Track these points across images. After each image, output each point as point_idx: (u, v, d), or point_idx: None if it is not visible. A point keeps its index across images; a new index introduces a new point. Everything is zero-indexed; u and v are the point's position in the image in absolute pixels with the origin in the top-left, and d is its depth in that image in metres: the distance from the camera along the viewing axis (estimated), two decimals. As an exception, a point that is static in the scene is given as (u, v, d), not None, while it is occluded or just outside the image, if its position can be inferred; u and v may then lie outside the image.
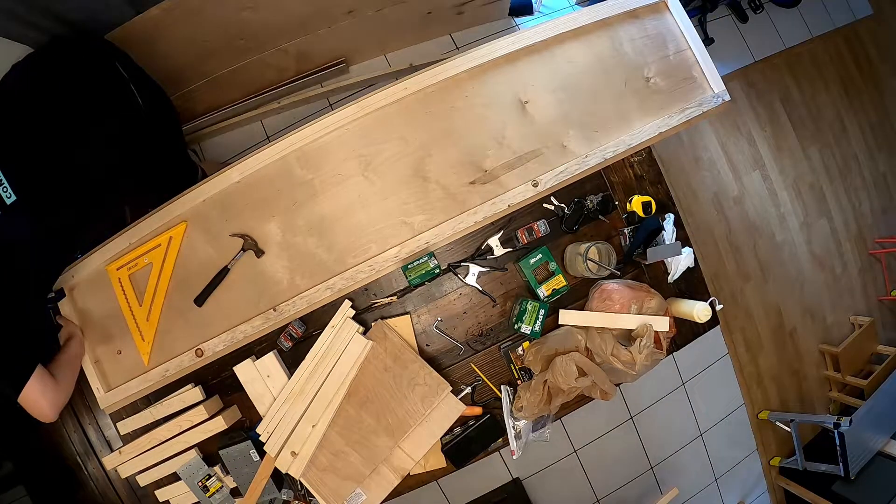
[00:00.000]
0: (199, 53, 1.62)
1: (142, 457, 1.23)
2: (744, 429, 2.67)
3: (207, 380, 1.26)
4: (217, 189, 1.15)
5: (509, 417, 1.26)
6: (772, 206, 2.77)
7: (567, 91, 1.20)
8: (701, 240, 2.63)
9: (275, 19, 1.64)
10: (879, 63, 3.00)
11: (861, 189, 2.92)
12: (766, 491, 2.70)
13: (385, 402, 1.17)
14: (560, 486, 2.42)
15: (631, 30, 1.25)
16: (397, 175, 1.15)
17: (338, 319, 1.19)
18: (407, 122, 1.15)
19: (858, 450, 2.23)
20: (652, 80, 1.23)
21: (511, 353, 1.27)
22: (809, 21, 2.89)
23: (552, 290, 1.24)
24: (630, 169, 1.36)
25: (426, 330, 1.28)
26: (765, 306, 2.71)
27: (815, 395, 2.78)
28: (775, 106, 2.81)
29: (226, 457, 1.20)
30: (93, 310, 1.20)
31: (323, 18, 1.78)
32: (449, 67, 1.15)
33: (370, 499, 1.17)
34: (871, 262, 2.91)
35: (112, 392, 1.17)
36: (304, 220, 1.14)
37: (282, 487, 1.23)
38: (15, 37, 1.19)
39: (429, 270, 1.22)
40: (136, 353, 1.17)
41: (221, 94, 1.99)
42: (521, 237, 1.25)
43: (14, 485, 1.93)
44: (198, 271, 1.15)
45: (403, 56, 2.28)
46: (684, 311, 1.26)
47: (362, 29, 1.94)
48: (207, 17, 1.47)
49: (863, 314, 2.83)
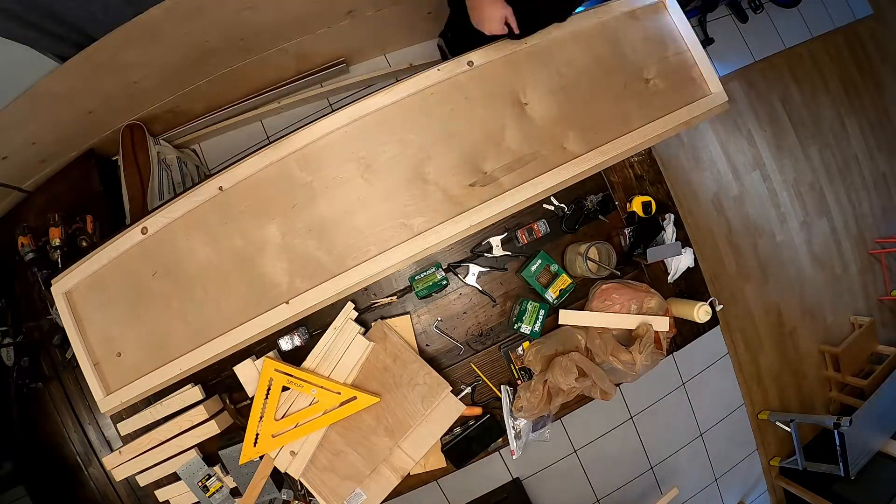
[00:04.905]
0: (199, 53, 1.62)
1: (142, 457, 1.23)
2: (744, 429, 2.67)
3: (207, 380, 1.26)
4: (215, 192, 1.14)
5: (509, 417, 1.26)
6: (772, 206, 2.77)
7: (566, 92, 1.20)
8: (701, 240, 2.63)
9: (275, 19, 1.64)
10: (879, 63, 3.00)
11: (861, 189, 2.92)
12: (766, 491, 2.70)
13: (385, 401, 1.17)
14: (560, 486, 2.42)
15: (630, 31, 1.24)
16: (397, 177, 1.15)
17: (340, 321, 1.19)
18: (406, 123, 1.15)
19: (858, 450, 2.23)
20: (651, 82, 1.23)
21: (511, 353, 1.28)
22: (809, 21, 2.89)
23: (559, 291, 1.24)
24: (630, 169, 1.36)
25: (426, 330, 1.28)
26: (765, 306, 2.71)
27: (815, 395, 2.78)
28: (775, 106, 2.81)
29: (226, 457, 1.20)
30: (94, 310, 1.20)
31: (323, 18, 1.78)
32: (448, 68, 1.15)
33: (370, 499, 1.17)
34: (871, 262, 2.91)
35: (112, 395, 1.17)
36: (303, 223, 1.14)
37: (282, 487, 1.23)
38: (15, 37, 1.19)
39: (436, 282, 1.22)
40: (137, 353, 1.17)
41: (221, 94, 1.99)
42: (521, 237, 1.26)
43: (14, 485, 1.93)
44: (196, 273, 1.15)
45: (403, 56, 2.28)
46: (684, 311, 1.26)
47: (362, 29, 1.94)
48: (207, 17, 1.47)
49: (863, 314, 2.83)
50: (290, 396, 1.15)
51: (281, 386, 1.13)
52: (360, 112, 1.14)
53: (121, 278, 1.19)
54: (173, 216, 1.15)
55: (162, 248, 1.17)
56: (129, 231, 1.17)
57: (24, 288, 1.67)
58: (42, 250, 1.58)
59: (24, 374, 1.63)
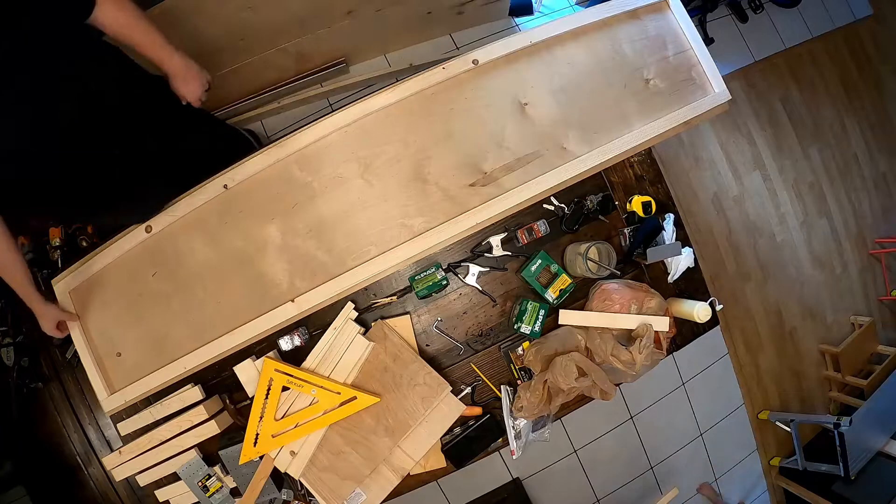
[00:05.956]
0: (199, 53, 1.61)
1: (142, 457, 1.23)
2: (744, 429, 2.67)
3: (207, 380, 1.26)
4: (215, 193, 1.14)
5: (509, 417, 1.26)
6: (772, 206, 2.77)
7: (567, 93, 1.20)
8: (701, 240, 2.63)
9: (275, 19, 1.64)
10: (879, 63, 3.00)
11: (861, 189, 2.92)
12: (766, 491, 2.70)
13: (385, 402, 1.17)
14: (560, 486, 2.42)
15: (631, 31, 1.24)
16: (397, 177, 1.15)
17: (340, 321, 1.19)
18: (406, 124, 1.15)
19: (858, 450, 2.23)
20: (652, 82, 1.23)
21: (511, 353, 1.28)
22: (809, 21, 2.89)
23: (559, 291, 1.24)
24: (630, 169, 1.36)
25: (426, 330, 1.28)
26: (765, 306, 2.71)
27: (815, 395, 2.78)
28: (775, 106, 2.81)
29: (226, 457, 1.20)
30: (96, 309, 1.20)
31: (323, 18, 1.78)
32: (449, 68, 1.15)
33: (370, 499, 1.17)
34: (871, 262, 2.91)
35: (116, 395, 1.18)
36: (303, 223, 1.14)
37: (282, 487, 1.23)
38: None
39: (436, 282, 1.22)
40: (138, 353, 1.17)
41: (221, 94, 1.99)
42: (521, 237, 1.25)
43: (14, 485, 1.93)
44: (197, 273, 1.15)
45: (403, 56, 2.28)
46: (684, 311, 1.26)
47: (362, 29, 1.93)
48: (207, 17, 1.47)
49: (863, 314, 2.83)
50: (290, 396, 1.16)
51: (281, 386, 1.13)
52: (360, 112, 1.14)
53: (122, 278, 1.19)
54: (176, 215, 1.16)
55: (163, 248, 1.17)
56: (131, 230, 1.17)
57: (24, 288, 1.66)
58: (42, 250, 1.58)
59: (24, 374, 1.63)
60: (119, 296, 1.19)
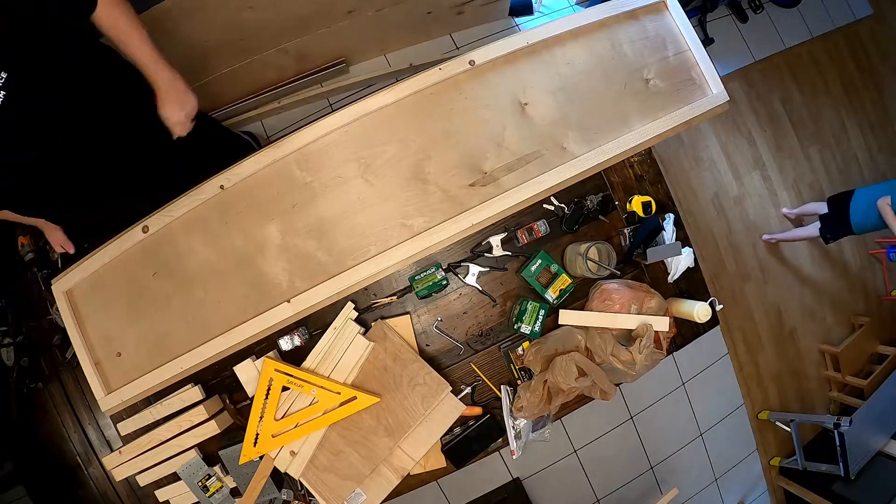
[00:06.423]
0: (199, 53, 1.62)
1: (142, 457, 1.23)
2: (744, 429, 2.67)
3: (207, 380, 1.26)
4: (214, 193, 1.14)
5: (509, 417, 1.26)
6: (772, 206, 2.77)
7: (566, 93, 1.20)
8: (701, 240, 2.64)
9: (275, 19, 1.65)
10: (879, 63, 3.00)
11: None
12: (766, 491, 2.71)
13: (385, 402, 1.17)
14: (560, 486, 2.42)
15: (630, 31, 1.24)
16: (397, 177, 1.15)
17: (340, 321, 1.19)
18: (406, 124, 1.15)
19: (858, 450, 2.23)
20: (651, 82, 1.23)
21: (511, 353, 1.28)
22: (809, 21, 2.89)
23: (559, 291, 1.24)
24: (630, 169, 1.36)
25: (426, 330, 1.28)
26: (765, 306, 2.71)
27: (815, 395, 2.78)
28: (775, 106, 2.81)
29: (226, 457, 1.20)
30: (95, 309, 1.20)
31: (323, 18, 1.78)
32: (445, 69, 1.15)
33: (370, 499, 1.17)
34: (871, 262, 2.91)
35: (113, 394, 1.17)
36: (303, 223, 1.14)
37: (282, 487, 1.23)
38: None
39: (436, 282, 1.22)
40: (137, 353, 1.17)
41: (221, 94, 1.99)
42: (521, 237, 1.26)
43: (14, 485, 1.93)
44: (196, 273, 1.15)
45: (403, 56, 2.28)
46: (684, 311, 1.26)
47: (362, 29, 1.94)
48: (207, 17, 1.47)
49: (863, 314, 2.83)
50: (290, 396, 1.15)
51: (281, 386, 1.13)
52: (360, 112, 1.14)
53: (121, 278, 1.19)
54: (174, 215, 1.15)
55: (162, 248, 1.17)
56: (130, 230, 1.17)
57: (24, 288, 1.67)
58: (42, 250, 1.57)
59: (24, 374, 1.63)
60: (119, 296, 1.19)
